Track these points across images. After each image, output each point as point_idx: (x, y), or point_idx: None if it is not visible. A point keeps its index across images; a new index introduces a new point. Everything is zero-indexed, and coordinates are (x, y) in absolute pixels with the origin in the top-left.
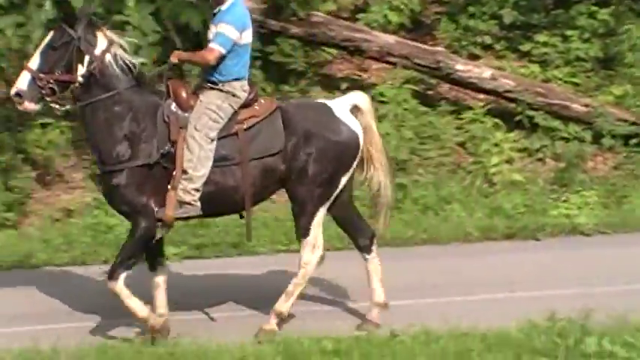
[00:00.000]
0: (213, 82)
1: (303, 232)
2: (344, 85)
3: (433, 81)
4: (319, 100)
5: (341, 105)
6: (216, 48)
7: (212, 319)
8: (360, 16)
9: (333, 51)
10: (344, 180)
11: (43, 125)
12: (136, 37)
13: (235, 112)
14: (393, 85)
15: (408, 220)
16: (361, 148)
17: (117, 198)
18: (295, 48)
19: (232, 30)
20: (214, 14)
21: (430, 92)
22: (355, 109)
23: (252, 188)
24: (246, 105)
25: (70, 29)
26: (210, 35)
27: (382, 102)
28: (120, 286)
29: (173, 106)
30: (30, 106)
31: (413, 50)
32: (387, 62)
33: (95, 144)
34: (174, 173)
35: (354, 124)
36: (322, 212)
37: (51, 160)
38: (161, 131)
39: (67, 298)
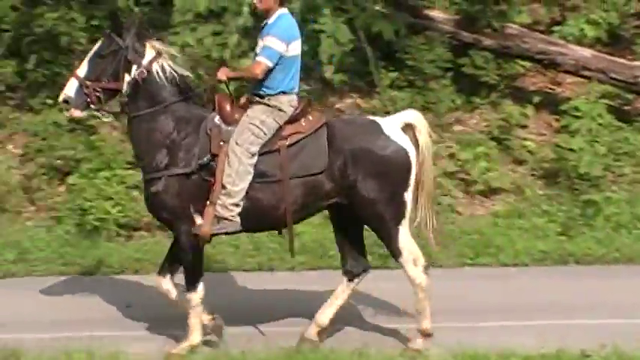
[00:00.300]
0: (260, 96)
1: (394, 253)
2: (536, 99)
3: (630, 96)
4: (369, 117)
5: (391, 122)
6: (262, 61)
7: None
8: (555, 28)
9: (527, 64)
10: (407, 197)
11: None
12: (329, 46)
13: (280, 127)
14: (587, 100)
15: (600, 238)
16: (415, 165)
17: (156, 205)
18: (487, 60)
19: (278, 42)
20: (262, 27)
21: (626, 108)
22: (408, 128)
23: (294, 206)
24: (292, 120)
25: (119, 38)
26: (258, 49)
27: (576, 116)
28: (199, 296)
29: (217, 119)
30: (76, 112)
31: (610, 64)
32: (582, 76)
33: (138, 151)
34: (213, 188)
35: (403, 140)
36: (404, 230)
37: None
38: (203, 143)
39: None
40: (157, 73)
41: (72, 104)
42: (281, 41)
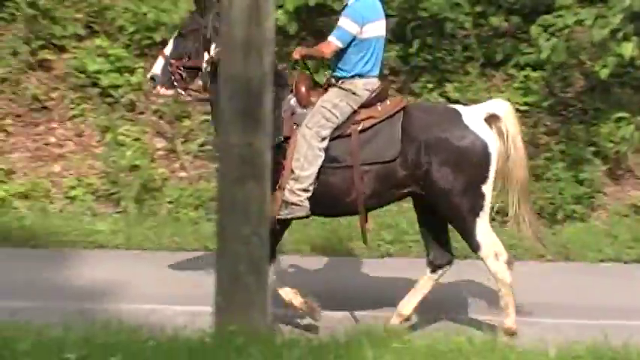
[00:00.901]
0: (337, 78)
1: (472, 247)
2: None
3: None
4: (450, 105)
5: (474, 112)
6: (332, 41)
7: None
8: None
9: None
10: (486, 189)
11: (618, 119)
12: None
13: (355, 112)
14: None
15: None
16: (494, 157)
17: None
18: None
19: (351, 23)
20: (342, 8)
21: None
22: (493, 118)
23: (365, 193)
24: (368, 104)
25: (200, 17)
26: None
27: None
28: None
29: (293, 101)
30: (162, 90)
31: None
32: None
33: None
34: (282, 172)
35: (484, 132)
36: (483, 224)
37: (622, 155)
38: (277, 124)
39: None
40: None
41: (158, 82)
42: (354, 22)
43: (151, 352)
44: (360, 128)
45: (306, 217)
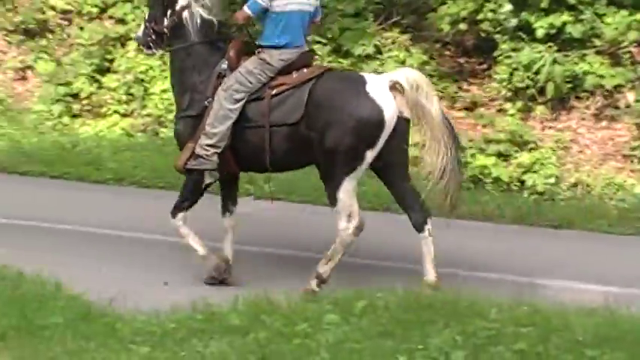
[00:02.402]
0: (257, 47)
1: (331, 200)
2: None
3: None
4: (359, 73)
5: (379, 80)
6: (244, 9)
7: None
8: None
9: None
10: (369, 154)
11: None
12: None
13: (272, 78)
14: None
15: None
16: (389, 124)
17: (178, 144)
18: None
19: None
20: None
21: None
22: (399, 86)
23: (275, 152)
24: (284, 72)
25: None
26: None
27: None
28: (177, 224)
29: (224, 65)
30: (145, 50)
31: None
32: None
33: (173, 92)
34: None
35: (384, 100)
36: (349, 183)
37: None
38: (210, 87)
39: None
40: (185, 18)
41: (139, 42)
42: None
43: None
44: (273, 93)
45: (214, 170)
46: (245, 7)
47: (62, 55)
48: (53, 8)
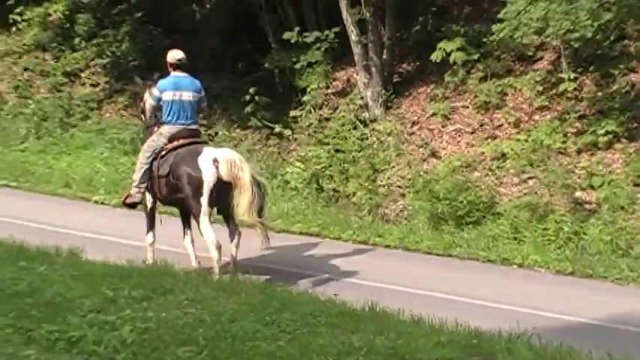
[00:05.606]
0: (161, 122)
1: (200, 232)
2: None
3: None
4: (204, 148)
5: (208, 153)
6: (147, 100)
7: None
8: None
9: None
10: (202, 200)
11: None
12: None
13: (168, 143)
14: None
15: None
16: (208, 183)
17: None
18: None
19: (156, 90)
20: None
21: None
22: (215, 160)
23: (162, 193)
24: (172, 140)
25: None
26: None
27: None
28: (148, 241)
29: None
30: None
31: None
32: None
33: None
34: None
35: (204, 167)
36: (204, 220)
37: None
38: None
39: None
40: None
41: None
42: (157, 89)
43: None
44: (162, 154)
45: (140, 203)
46: (147, 98)
47: None
48: None
